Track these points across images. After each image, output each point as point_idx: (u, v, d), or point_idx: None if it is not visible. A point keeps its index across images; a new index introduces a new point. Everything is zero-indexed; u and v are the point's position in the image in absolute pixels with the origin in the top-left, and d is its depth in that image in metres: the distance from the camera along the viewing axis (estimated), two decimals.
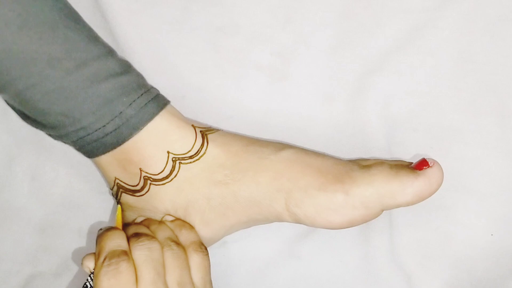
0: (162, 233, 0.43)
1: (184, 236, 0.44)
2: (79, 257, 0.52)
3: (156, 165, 0.44)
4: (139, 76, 0.45)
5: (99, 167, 0.46)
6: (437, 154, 0.48)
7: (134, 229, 0.43)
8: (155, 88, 0.46)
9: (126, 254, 0.40)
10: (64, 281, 0.52)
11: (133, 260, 0.40)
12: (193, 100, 0.50)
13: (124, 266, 0.40)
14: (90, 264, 0.42)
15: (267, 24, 0.50)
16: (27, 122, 0.45)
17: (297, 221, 0.44)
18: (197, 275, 0.43)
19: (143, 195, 0.45)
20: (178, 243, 0.43)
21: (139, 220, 0.46)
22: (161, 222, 0.45)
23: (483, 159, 0.48)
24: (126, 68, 0.44)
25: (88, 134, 0.43)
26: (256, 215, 0.45)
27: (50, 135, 0.46)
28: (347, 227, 0.44)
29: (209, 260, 0.44)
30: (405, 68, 0.48)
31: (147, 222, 0.45)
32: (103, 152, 0.44)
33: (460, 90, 0.48)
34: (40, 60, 0.41)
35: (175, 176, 0.45)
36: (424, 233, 0.49)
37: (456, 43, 0.48)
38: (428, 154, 0.48)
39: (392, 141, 0.49)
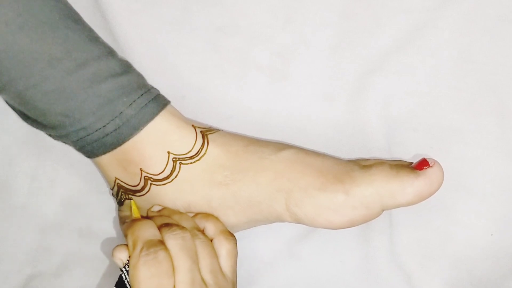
0: (186, 223, 0.43)
1: (212, 226, 0.44)
2: (82, 256, 0.52)
3: (157, 165, 0.44)
4: (139, 76, 0.45)
5: (99, 167, 0.46)
6: (437, 154, 0.48)
7: (161, 220, 0.43)
8: (155, 88, 0.46)
9: (163, 243, 0.40)
10: (64, 281, 0.52)
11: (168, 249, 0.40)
12: (193, 100, 0.50)
13: (162, 255, 0.39)
14: (123, 256, 0.41)
15: (267, 24, 0.50)
16: (27, 122, 0.45)
17: (297, 221, 0.44)
18: (227, 263, 0.43)
19: (143, 195, 0.45)
20: (203, 232, 0.43)
21: (155, 209, 0.46)
22: (181, 212, 0.45)
23: (483, 159, 0.48)
24: (126, 68, 0.44)
25: (89, 134, 0.43)
26: (257, 216, 0.45)
27: (50, 135, 0.46)
28: (347, 227, 0.44)
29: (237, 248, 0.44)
30: (405, 68, 0.48)
31: (167, 212, 0.45)
32: (104, 152, 0.44)
33: (460, 90, 0.48)
34: (40, 60, 0.41)
35: (175, 177, 0.45)
36: (424, 233, 0.49)
37: (456, 43, 0.48)
38: (428, 154, 0.48)
39: (392, 141, 0.49)
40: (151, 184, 0.45)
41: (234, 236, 0.44)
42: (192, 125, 0.46)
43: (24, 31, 0.40)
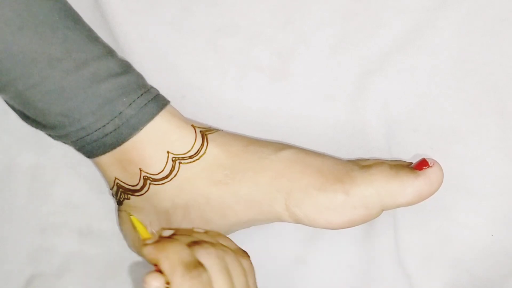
0: (208, 239, 0.41)
1: (226, 244, 0.43)
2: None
3: (156, 165, 0.44)
4: (139, 76, 0.45)
5: (99, 167, 0.46)
6: (437, 154, 0.48)
7: (185, 238, 0.41)
8: (155, 88, 0.46)
9: (202, 264, 0.38)
10: (65, 282, 0.52)
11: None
12: (193, 100, 0.50)
13: (205, 277, 0.37)
14: (159, 283, 0.37)
15: (267, 24, 0.50)
16: (27, 122, 0.46)
17: (297, 221, 0.44)
18: (252, 280, 0.42)
19: (142, 194, 0.46)
20: (229, 249, 0.41)
21: (167, 233, 0.43)
22: (194, 230, 0.44)
23: (483, 159, 0.48)
24: (126, 68, 0.44)
25: (88, 134, 0.43)
26: (256, 215, 0.45)
27: (50, 135, 0.46)
28: (347, 227, 0.44)
29: None
30: (405, 68, 0.48)
31: (182, 231, 0.43)
32: (103, 152, 0.44)
33: (460, 90, 0.48)
34: (40, 61, 0.41)
35: (174, 176, 0.45)
36: (424, 234, 0.49)
37: (456, 43, 0.48)
38: (428, 154, 0.48)
39: (392, 141, 0.49)
40: (150, 183, 0.45)
41: (247, 253, 0.43)
42: (192, 125, 0.46)
43: (23, 31, 0.40)
